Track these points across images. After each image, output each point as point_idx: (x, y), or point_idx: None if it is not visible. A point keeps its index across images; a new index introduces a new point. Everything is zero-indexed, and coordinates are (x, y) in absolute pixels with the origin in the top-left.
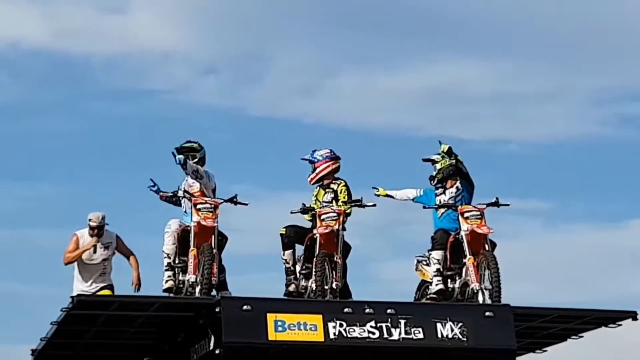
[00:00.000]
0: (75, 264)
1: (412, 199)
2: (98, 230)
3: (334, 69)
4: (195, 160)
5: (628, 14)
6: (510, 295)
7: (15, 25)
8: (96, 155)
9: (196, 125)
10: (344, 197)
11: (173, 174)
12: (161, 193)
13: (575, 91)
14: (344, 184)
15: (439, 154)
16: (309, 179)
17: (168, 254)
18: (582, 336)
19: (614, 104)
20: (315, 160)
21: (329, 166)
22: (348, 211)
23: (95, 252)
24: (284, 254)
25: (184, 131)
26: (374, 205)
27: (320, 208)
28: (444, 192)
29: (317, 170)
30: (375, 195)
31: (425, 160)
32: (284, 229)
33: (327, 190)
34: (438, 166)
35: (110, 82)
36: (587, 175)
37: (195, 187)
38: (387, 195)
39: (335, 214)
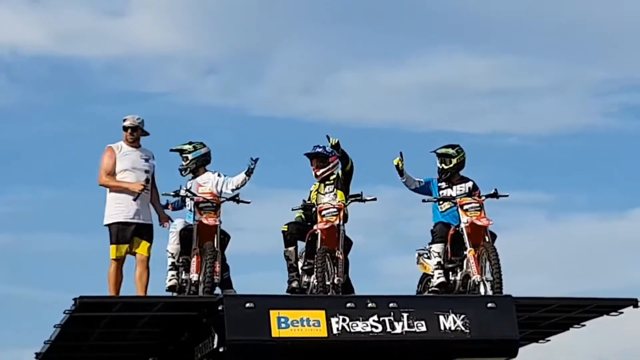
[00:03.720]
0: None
1: (414, 188)
2: (132, 131)
3: (335, 66)
4: (188, 162)
5: (628, 5)
6: (514, 286)
7: (15, 30)
8: (98, 159)
9: (198, 126)
10: (349, 168)
11: (173, 176)
12: (169, 204)
13: (576, 83)
14: (336, 140)
15: (452, 147)
16: (320, 172)
17: (172, 254)
18: (584, 325)
19: (615, 95)
20: (330, 154)
21: (337, 160)
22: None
23: (137, 165)
24: (286, 251)
25: (185, 132)
26: (374, 199)
27: (320, 204)
28: (450, 187)
29: (332, 164)
30: (395, 163)
31: (438, 154)
32: (286, 226)
33: (327, 182)
34: (454, 161)
35: (110, 85)
36: (589, 166)
37: (206, 187)
38: (399, 168)
39: (335, 210)
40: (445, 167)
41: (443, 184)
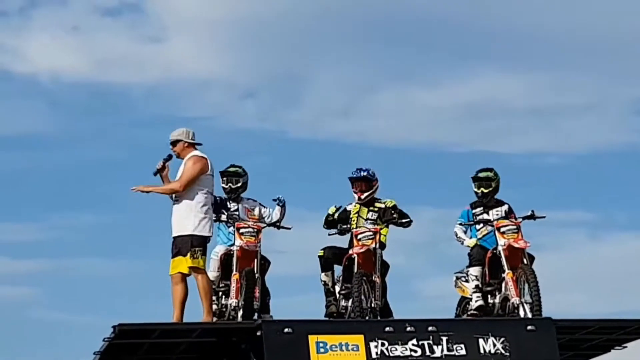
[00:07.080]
0: None
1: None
2: (173, 146)
3: (373, 87)
4: (239, 185)
5: None
6: (556, 305)
7: (55, 57)
8: (138, 184)
9: (236, 150)
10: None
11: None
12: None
13: (615, 101)
14: (393, 202)
15: (489, 170)
16: (364, 195)
17: (212, 280)
18: (625, 346)
19: None
20: (374, 177)
21: (378, 185)
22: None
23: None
24: (322, 276)
25: (224, 156)
26: (410, 222)
27: (357, 228)
28: (486, 212)
29: (374, 187)
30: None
31: (480, 178)
32: (322, 251)
33: (371, 208)
34: (494, 184)
35: (149, 111)
36: (630, 184)
37: (255, 212)
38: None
39: (371, 233)
40: (486, 190)
41: (478, 210)
